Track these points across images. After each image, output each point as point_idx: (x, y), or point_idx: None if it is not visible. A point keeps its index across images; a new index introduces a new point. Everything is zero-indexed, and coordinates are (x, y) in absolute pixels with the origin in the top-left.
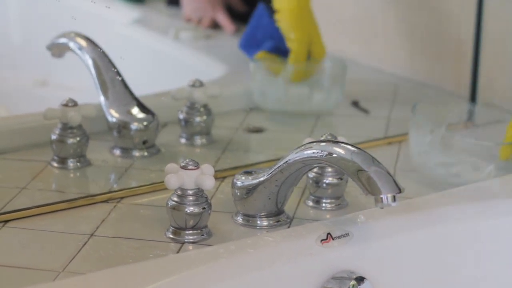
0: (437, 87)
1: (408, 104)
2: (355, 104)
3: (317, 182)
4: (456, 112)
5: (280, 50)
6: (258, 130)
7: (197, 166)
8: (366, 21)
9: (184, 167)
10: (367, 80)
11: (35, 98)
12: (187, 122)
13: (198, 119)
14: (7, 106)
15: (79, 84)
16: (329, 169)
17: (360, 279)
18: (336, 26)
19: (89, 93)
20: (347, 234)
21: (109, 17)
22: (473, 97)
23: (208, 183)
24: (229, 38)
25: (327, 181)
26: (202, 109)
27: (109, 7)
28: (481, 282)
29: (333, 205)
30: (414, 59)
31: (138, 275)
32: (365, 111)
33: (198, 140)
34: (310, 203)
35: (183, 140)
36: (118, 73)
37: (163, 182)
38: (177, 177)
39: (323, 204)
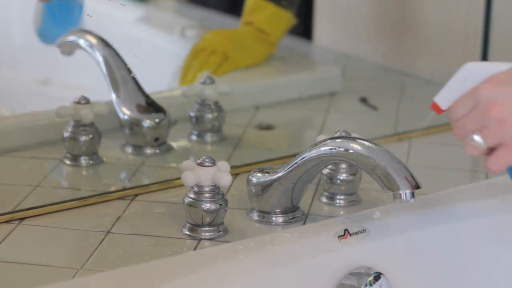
0: (443, 84)
1: (415, 101)
2: (364, 100)
3: (331, 178)
4: None
5: None
6: (269, 127)
7: (213, 163)
8: (371, 19)
9: (200, 164)
10: (373, 77)
11: (37, 97)
12: (198, 119)
13: (209, 116)
14: (9, 105)
15: (81, 82)
16: (343, 166)
17: (377, 275)
18: (342, 24)
19: (92, 91)
20: (364, 230)
21: (113, 15)
22: None
23: (225, 180)
24: None
25: (341, 178)
26: (213, 106)
27: (124, 5)
28: (498, 277)
29: (347, 201)
30: (420, 56)
31: (158, 272)
32: (373, 107)
33: (209, 137)
34: (324, 200)
35: (194, 137)
36: (130, 71)
37: (176, 179)
38: (194, 174)
39: (337, 201)
